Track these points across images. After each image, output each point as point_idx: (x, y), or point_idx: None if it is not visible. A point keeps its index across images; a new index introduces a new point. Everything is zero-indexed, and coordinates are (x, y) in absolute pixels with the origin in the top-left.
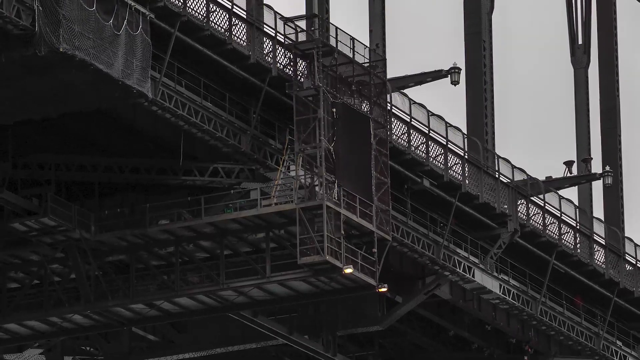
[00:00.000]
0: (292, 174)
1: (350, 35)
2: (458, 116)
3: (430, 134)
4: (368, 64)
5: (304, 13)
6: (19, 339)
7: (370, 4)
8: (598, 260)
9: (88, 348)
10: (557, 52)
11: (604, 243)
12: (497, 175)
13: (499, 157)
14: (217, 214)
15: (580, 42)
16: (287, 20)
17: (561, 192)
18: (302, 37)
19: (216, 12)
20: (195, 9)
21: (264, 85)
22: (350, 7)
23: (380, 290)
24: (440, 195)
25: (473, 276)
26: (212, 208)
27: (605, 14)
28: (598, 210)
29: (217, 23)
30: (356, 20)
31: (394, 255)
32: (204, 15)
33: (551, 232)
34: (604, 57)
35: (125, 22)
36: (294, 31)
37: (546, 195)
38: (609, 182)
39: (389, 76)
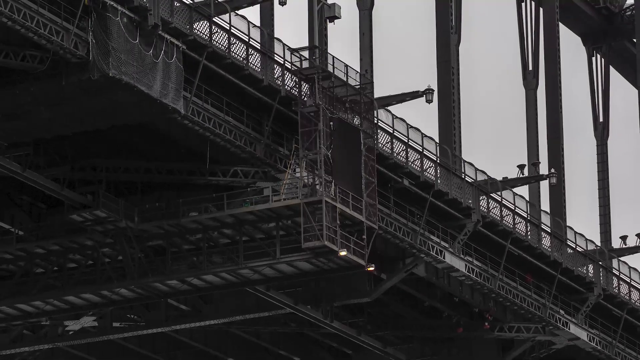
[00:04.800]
0: (297, 175)
1: (344, 63)
2: (432, 128)
3: (409, 143)
4: (359, 86)
5: (307, 45)
6: (77, 308)
7: (361, 37)
8: (545, 245)
9: (132, 316)
10: (512, 77)
11: (549, 231)
12: (463, 176)
13: (464, 161)
14: (236, 208)
15: (530, 68)
16: (293, 51)
17: (515, 189)
18: (305, 64)
19: (236, 44)
20: (218, 41)
21: (275, 104)
22: (344, 40)
23: (368, 269)
24: (417, 193)
25: (444, 258)
26: (233, 202)
27: (551, 46)
28: (545, 204)
29: (237, 53)
30: (349, 51)
31: (379, 241)
32: (226, 46)
33: (507, 222)
34: (550, 80)
35: (162, 52)
36: (299, 59)
37: (503, 192)
38: (554, 181)
39: (375, 96)
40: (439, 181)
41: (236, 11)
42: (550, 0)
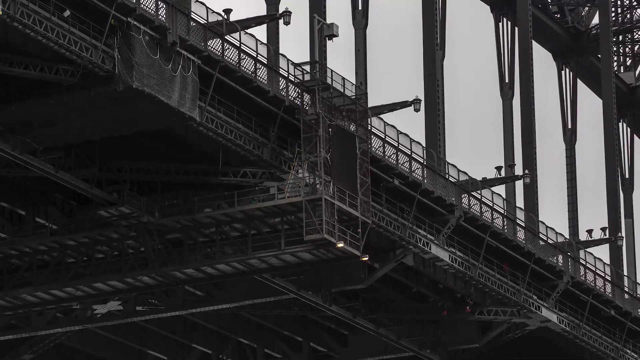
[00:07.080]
0: (300, 175)
1: (341, 76)
2: (419, 134)
3: (399, 147)
4: (354, 97)
5: (309, 60)
6: (104, 294)
7: (356, 54)
8: (519, 238)
9: (153, 300)
10: (490, 88)
11: (524, 225)
12: (447, 177)
13: (448, 163)
14: (246, 204)
15: (507, 80)
16: (296, 65)
17: (493, 188)
18: (307, 77)
19: (245, 60)
20: (230, 57)
21: (280, 112)
22: (341, 56)
23: (363, 259)
24: (406, 191)
25: (430, 249)
26: (242, 200)
27: (525, 61)
28: (520, 202)
29: (246, 67)
30: (346, 65)
31: (372, 234)
32: (237, 61)
33: (486, 217)
34: (524, 91)
35: (180, 66)
36: (301, 73)
37: (482, 191)
38: (528, 181)
39: (369, 105)
40: (425, 181)
41: (245, 30)
42: (524, 20)
